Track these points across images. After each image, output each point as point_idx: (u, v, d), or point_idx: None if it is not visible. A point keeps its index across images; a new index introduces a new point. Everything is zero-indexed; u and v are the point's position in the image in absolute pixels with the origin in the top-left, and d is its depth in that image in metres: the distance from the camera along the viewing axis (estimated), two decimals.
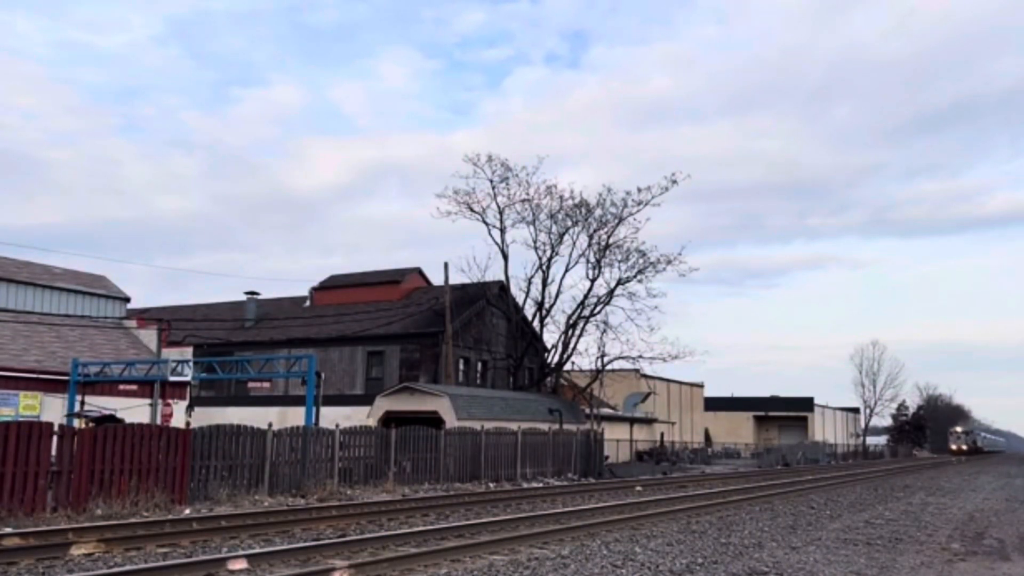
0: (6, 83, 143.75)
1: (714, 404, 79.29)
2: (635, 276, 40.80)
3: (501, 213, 41.16)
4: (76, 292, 31.48)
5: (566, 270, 41.65)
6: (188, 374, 27.66)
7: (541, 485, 24.36)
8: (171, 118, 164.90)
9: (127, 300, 33.72)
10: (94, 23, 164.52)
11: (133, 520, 13.16)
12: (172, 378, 26.96)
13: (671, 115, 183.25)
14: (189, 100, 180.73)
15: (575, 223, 41.02)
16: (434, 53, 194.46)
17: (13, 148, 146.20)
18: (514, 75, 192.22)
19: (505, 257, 41.44)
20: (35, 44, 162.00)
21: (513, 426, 28.81)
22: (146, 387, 27.88)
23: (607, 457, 37.28)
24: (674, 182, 40.06)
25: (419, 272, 47.52)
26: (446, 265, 37.97)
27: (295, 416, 28.17)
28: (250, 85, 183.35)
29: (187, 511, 14.92)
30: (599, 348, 40.92)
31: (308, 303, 47.88)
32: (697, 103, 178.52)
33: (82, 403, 25.85)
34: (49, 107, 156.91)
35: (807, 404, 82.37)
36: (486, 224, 41.35)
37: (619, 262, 41.04)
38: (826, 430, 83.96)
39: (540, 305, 41.76)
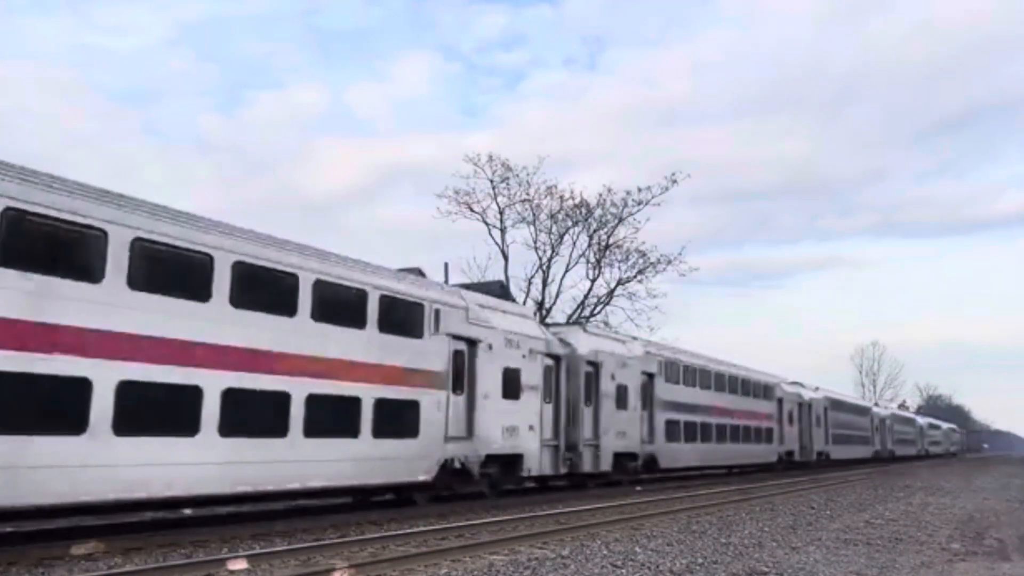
0: (28, 87, 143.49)
1: None
2: (635, 276, 40.89)
3: (501, 213, 41.15)
4: None
5: (566, 270, 41.67)
6: None
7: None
8: (189, 121, 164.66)
9: None
10: (117, 26, 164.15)
11: (133, 520, 13.16)
12: None
13: (688, 118, 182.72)
14: (207, 103, 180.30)
15: (575, 223, 41.08)
16: (453, 57, 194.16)
17: (30, 151, 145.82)
18: (532, 78, 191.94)
19: (505, 257, 41.42)
20: (58, 47, 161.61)
21: None
22: None
23: None
24: (674, 182, 40.13)
25: (419, 272, 47.46)
26: (446, 265, 37.81)
27: None
28: (268, 88, 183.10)
29: (187, 511, 14.90)
30: None
31: None
32: (714, 106, 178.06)
33: None
34: (69, 110, 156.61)
35: None
36: (486, 224, 41.34)
37: (619, 262, 41.14)
38: None
39: (540, 305, 41.80)
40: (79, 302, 10.15)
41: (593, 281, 41.50)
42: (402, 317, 15.68)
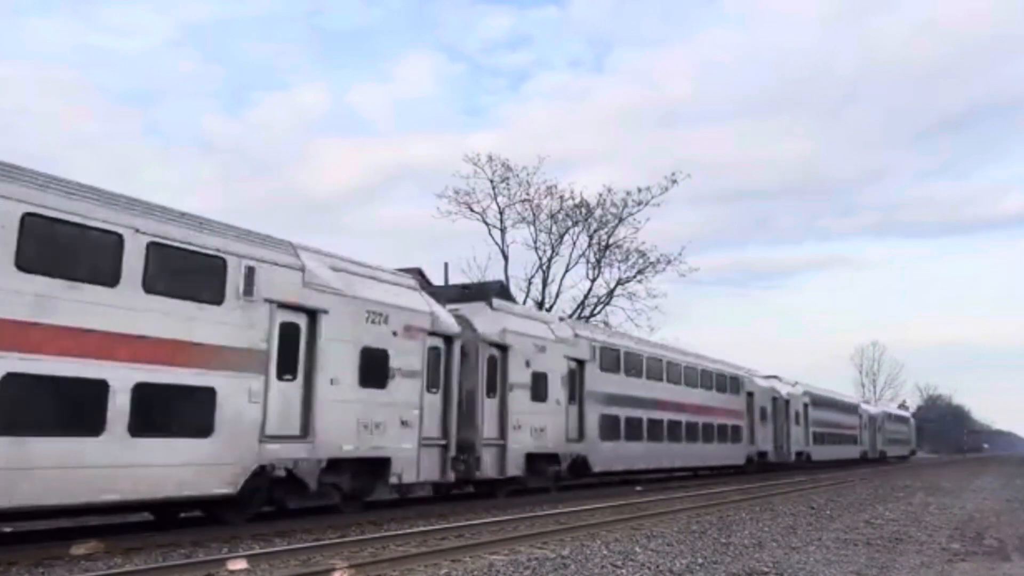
0: (30, 87, 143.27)
1: None
2: (635, 276, 41.03)
3: (501, 213, 41.23)
4: None
5: (566, 270, 41.81)
6: None
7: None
8: (192, 122, 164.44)
9: None
10: (119, 27, 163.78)
11: (133, 520, 13.17)
12: None
13: (689, 118, 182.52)
14: (211, 104, 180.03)
15: (575, 223, 41.15)
16: (458, 57, 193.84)
17: (33, 151, 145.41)
18: (536, 79, 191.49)
19: (505, 257, 41.51)
20: (61, 48, 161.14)
21: None
22: None
23: None
24: (674, 182, 40.38)
25: (419, 272, 47.46)
26: (446, 266, 38.02)
27: None
28: (271, 89, 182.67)
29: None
30: None
31: None
32: (716, 106, 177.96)
33: None
34: (71, 110, 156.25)
35: None
36: (486, 224, 41.40)
37: (619, 262, 41.26)
38: None
39: (540, 305, 41.82)
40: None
41: (593, 281, 41.68)
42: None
